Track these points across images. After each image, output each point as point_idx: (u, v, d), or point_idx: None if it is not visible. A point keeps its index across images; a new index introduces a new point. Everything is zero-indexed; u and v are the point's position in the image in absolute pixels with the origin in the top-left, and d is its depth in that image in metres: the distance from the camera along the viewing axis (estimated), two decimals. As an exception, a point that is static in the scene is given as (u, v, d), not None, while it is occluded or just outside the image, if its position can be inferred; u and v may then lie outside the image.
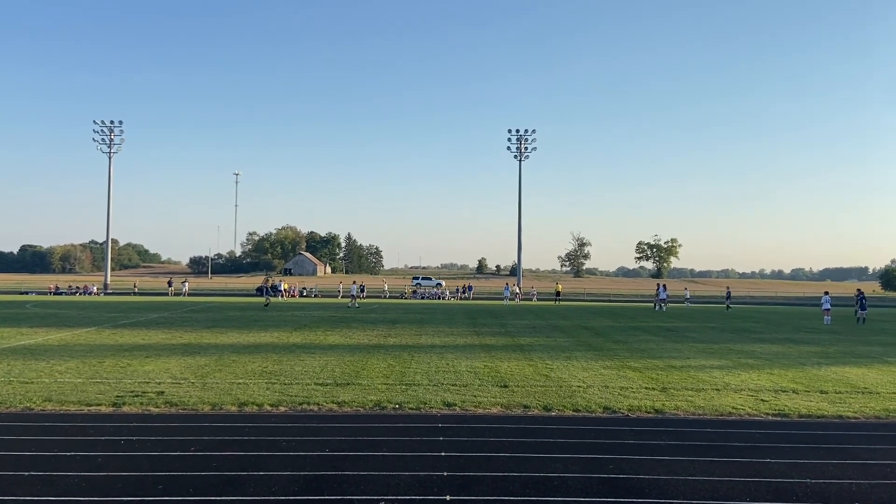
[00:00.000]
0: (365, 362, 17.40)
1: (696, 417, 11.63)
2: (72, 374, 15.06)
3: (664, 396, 13.34)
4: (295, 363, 17.09)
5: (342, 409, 11.83)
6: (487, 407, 12.12)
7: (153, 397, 12.37)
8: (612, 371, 16.62)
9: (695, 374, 16.26)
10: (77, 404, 11.78)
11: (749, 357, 20.03)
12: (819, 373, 16.89)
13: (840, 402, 13.11)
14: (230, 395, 12.74)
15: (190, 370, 15.72)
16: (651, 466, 8.63)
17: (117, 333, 24.51)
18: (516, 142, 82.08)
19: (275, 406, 11.90)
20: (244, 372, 15.58)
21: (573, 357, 19.26)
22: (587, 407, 12.20)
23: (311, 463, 8.56)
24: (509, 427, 10.71)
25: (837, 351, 22.13)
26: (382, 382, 14.39)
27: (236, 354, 18.69)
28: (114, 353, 18.54)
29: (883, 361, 19.57)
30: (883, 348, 23.37)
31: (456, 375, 15.48)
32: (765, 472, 8.47)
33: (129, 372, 15.39)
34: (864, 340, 26.24)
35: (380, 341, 22.89)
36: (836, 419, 11.70)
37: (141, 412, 11.32)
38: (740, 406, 12.49)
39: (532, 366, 17.30)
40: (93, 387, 13.42)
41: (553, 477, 8.12)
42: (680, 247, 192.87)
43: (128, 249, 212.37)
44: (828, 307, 35.95)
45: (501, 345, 22.47)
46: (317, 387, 13.74)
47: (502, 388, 13.89)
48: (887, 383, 15.44)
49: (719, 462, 8.87)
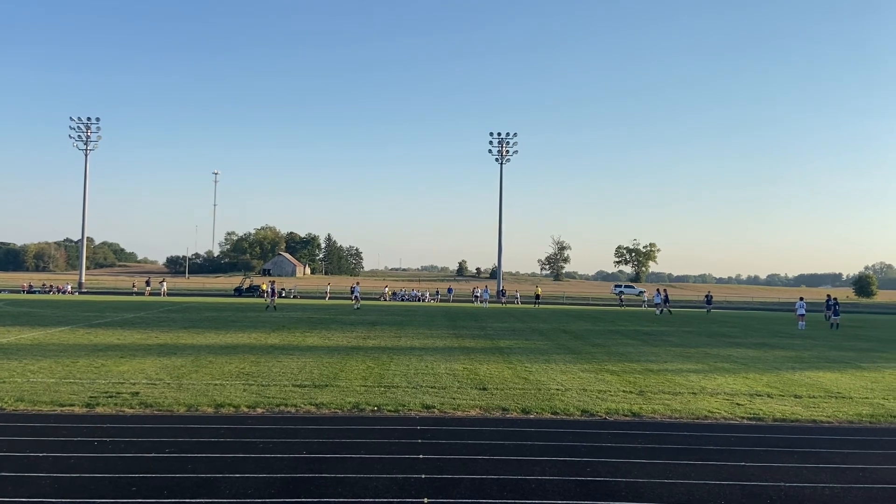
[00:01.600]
0: (343, 364, 17.32)
1: (672, 421, 11.73)
2: (45, 373, 14.82)
3: (641, 400, 13.43)
4: (273, 364, 16.96)
5: (320, 410, 11.76)
6: (466, 409, 12.12)
7: (128, 398, 12.21)
8: (590, 374, 16.71)
9: (672, 378, 16.39)
10: (50, 404, 11.60)
11: (725, 361, 20.25)
12: (793, 377, 17.11)
13: (814, 406, 13.29)
14: (206, 396, 12.61)
15: (166, 371, 15.54)
16: (628, 469, 8.68)
17: (92, 333, 24.16)
18: (498, 145, 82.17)
19: (252, 408, 11.80)
20: (221, 373, 15.43)
21: (552, 360, 19.33)
22: (565, 410, 12.25)
23: (288, 465, 8.50)
24: (488, 429, 10.72)
25: (812, 356, 22.43)
26: (361, 384, 14.34)
27: (213, 355, 18.51)
28: (88, 353, 18.28)
29: (856, 366, 19.87)
30: (856, 353, 23.74)
31: (435, 378, 15.47)
32: (740, 475, 8.56)
33: (104, 372, 15.18)
34: (837, 346, 26.63)
35: (359, 343, 22.80)
36: (810, 423, 11.86)
37: (115, 413, 11.17)
38: (716, 410, 12.62)
39: (511, 368, 17.34)
40: (66, 387, 13.22)
41: (531, 479, 8.14)
42: (658, 251, 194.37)
43: (103, 248, 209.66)
44: (802, 312, 36.42)
45: (481, 347, 22.49)
46: (294, 388, 13.65)
47: (481, 391, 13.90)
48: (860, 388, 15.68)
49: (695, 465, 8.95)
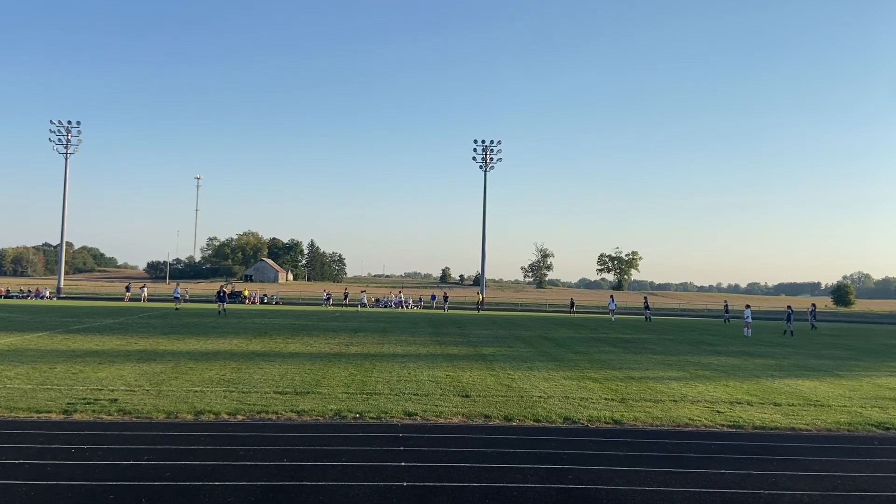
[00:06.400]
0: (326, 371, 17.23)
1: (653, 428, 11.80)
2: (21, 379, 14.60)
3: (623, 407, 13.49)
4: (254, 371, 16.84)
5: (302, 418, 11.69)
6: (449, 416, 12.11)
7: (106, 405, 12.06)
8: (572, 382, 16.75)
9: (653, 386, 16.48)
10: (26, 411, 11.43)
11: (706, 369, 20.40)
12: (773, 385, 17.27)
13: (793, 414, 13.42)
14: (186, 403, 12.49)
15: (145, 377, 15.37)
16: (609, 477, 8.71)
17: (70, 339, 23.84)
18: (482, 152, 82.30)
19: (232, 414, 11.70)
20: (201, 380, 15.29)
21: (534, 367, 19.37)
22: (548, 417, 12.28)
23: (268, 473, 8.43)
24: (470, 437, 10.71)
25: (791, 364, 22.67)
26: (343, 391, 14.27)
27: (193, 362, 18.34)
28: (66, 359, 18.04)
29: (834, 375, 20.10)
30: (834, 362, 24.01)
31: (417, 385, 15.43)
32: (720, 482, 8.62)
33: (82, 378, 14.99)
34: (816, 354, 26.92)
35: (341, 350, 22.70)
36: (789, 431, 11.98)
37: (93, 420, 11.03)
38: (697, 417, 12.71)
39: (494, 376, 17.34)
40: (43, 393, 13.04)
41: (513, 487, 8.14)
42: (641, 259, 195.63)
43: (83, 253, 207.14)
44: (749, 320, 38.14)
45: (464, 354, 22.47)
46: (276, 395, 13.56)
47: (464, 398, 13.89)
48: (838, 396, 15.86)
49: (676, 472, 9.00)
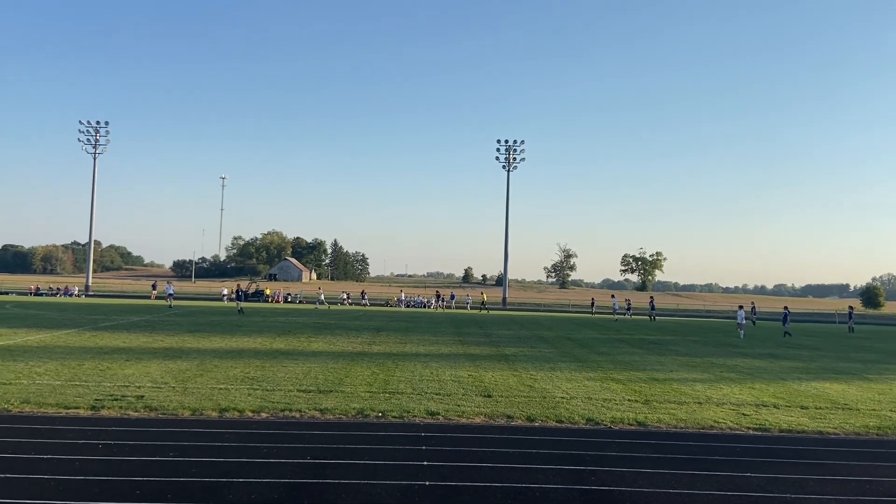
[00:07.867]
0: (348, 370, 17.31)
1: (678, 430, 11.67)
2: (50, 375, 14.86)
3: (647, 409, 13.37)
4: (277, 369, 16.97)
5: (325, 416, 11.75)
6: (471, 416, 12.09)
7: (133, 401, 12.23)
8: (595, 383, 16.65)
9: (677, 388, 16.32)
10: (55, 407, 11.63)
11: (731, 371, 20.15)
12: (800, 388, 17.01)
13: (820, 417, 13.20)
14: (211, 400, 12.62)
15: (171, 374, 15.56)
16: (633, 479, 8.64)
17: (98, 336, 24.23)
18: (505, 152, 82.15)
19: (256, 412, 11.80)
20: (226, 377, 15.44)
21: (557, 368, 19.28)
22: (570, 418, 12.21)
23: (292, 470, 8.49)
24: (492, 437, 10.69)
25: (818, 367, 22.30)
26: (366, 390, 14.32)
27: (218, 359, 18.53)
28: (93, 356, 18.33)
29: (863, 378, 19.74)
30: (863, 365, 23.59)
31: (440, 384, 15.44)
32: (745, 486, 8.51)
33: (109, 375, 15.22)
34: (844, 357, 26.48)
35: (364, 349, 22.79)
36: (816, 435, 11.79)
37: (120, 416, 11.19)
38: (722, 420, 12.56)
39: (516, 376, 17.29)
40: (71, 389, 13.26)
41: (535, 488, 8.10)
42: (665, 260, 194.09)
43: (110, 251, 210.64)
44: (742, 322, 37.77)
45: (486, 354, 22.44)
46: (299, 393, 13.65)
47: (486, 398, 13.87)
48: (867, 400, 15.57)
49: (700, 475, 8.90)
